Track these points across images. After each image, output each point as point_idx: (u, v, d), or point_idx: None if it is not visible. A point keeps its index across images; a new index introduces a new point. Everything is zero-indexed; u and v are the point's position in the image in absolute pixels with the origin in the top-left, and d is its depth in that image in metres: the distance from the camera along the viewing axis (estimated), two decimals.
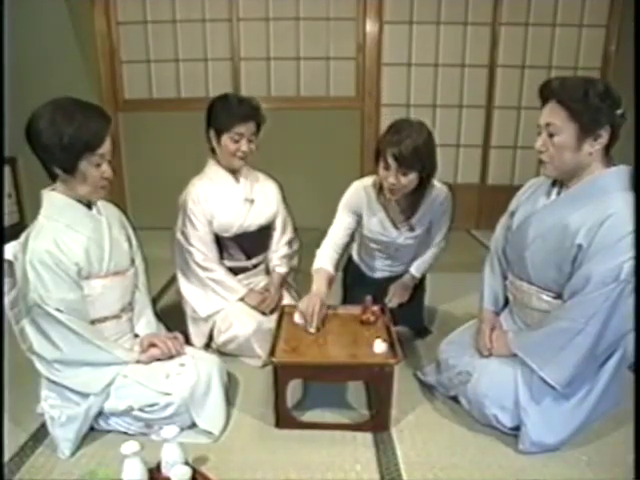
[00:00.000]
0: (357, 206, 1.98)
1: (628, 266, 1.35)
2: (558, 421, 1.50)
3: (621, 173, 1.45)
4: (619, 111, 1.39)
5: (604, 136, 1.41)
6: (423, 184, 1.84)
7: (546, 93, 1.46)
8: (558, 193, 1.56)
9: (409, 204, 1.93)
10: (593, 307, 1.40)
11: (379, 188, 1.92)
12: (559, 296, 1.53)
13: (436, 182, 1.94)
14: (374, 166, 1.85)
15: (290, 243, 2.27)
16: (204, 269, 2.05)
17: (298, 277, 2.32)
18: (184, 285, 2.11)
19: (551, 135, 1.44)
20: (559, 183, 1.56)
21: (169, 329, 1.79)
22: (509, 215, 1.72)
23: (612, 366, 1.53)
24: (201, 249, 2.04)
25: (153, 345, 1.60)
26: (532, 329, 1.60)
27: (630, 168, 1.46)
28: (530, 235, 1.57)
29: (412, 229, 1.99)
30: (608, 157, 1.47)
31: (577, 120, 1.39)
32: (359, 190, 1.98)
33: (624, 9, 3.62)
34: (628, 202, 1.40)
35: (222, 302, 2.05)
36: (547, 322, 1.52)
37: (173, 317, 2.07)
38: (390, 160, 1.73)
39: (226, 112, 1.94)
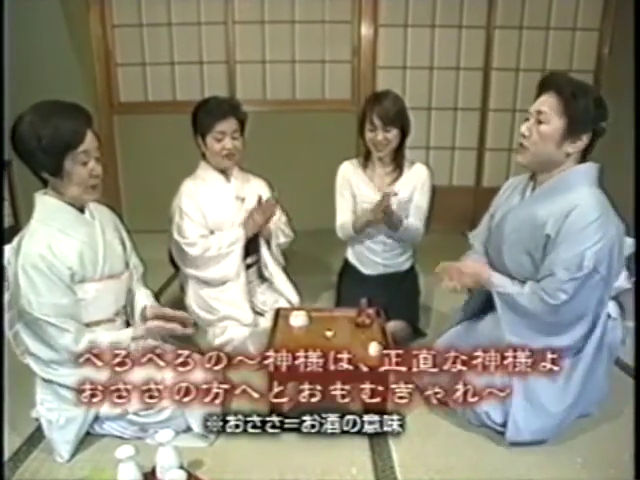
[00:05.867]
0: (347, 180, 2.19)
1: (590, 253, 1.41)
2: (545, 408, 1.52)
3: (589, 170, 1.52)
4: (604, 123, 1.47)
5: (584, 141, 1.48)
6: (403, 144, 2.12)
7: (547, 82, 1.51)
8: (532, 190, 1.62)
9: (393, 168, 2.15)
10: (557, 287, 1.45)
11: (365, 157, 2.18)
12: None
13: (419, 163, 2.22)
14: (360, 135, 2.12)
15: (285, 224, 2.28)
16: (204, 249, 2.04)
17: (296, 280, 2.31)
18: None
19: (539, 122, 1.49)
20: (533, 182, 1.63)
21: None
22: (489, 217, 1.80)
23: (589, 354, 1.54)
24: (199, 241, 2.04)
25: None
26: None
27: (598, 165, 1.53)
28: (506, 231, 1.63)
29: (396, 194, 2.10)
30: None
31: (568, 115, 1.44)
32: (345, 165, 2.24)
33: (617, 12, 3.64)
34: (593, 194, 1.47)
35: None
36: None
37: None
38: (376, 120, 2.02)
39: (206, 113, 2.02)
